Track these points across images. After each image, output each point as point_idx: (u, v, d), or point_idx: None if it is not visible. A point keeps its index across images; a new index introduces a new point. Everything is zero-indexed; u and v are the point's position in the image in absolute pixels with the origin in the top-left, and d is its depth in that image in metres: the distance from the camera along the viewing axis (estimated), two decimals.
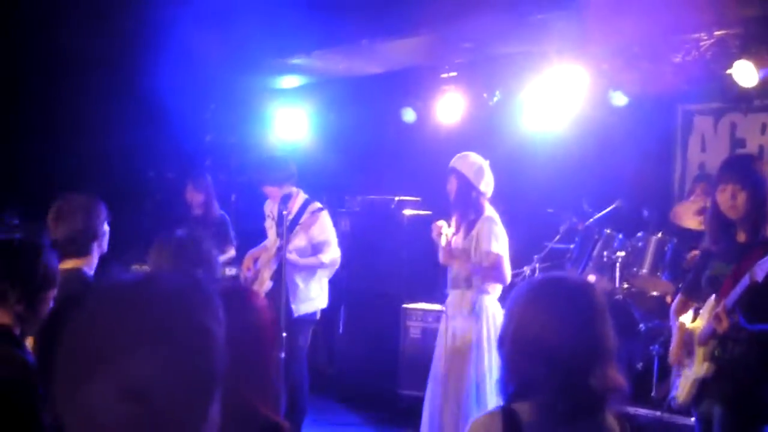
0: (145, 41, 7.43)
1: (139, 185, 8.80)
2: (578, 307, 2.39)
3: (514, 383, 2.38)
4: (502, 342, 2.47)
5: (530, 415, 2.31)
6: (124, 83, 7.70)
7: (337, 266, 6.55)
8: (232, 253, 7.64)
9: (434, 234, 5.66)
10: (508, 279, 5.56)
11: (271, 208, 6.66)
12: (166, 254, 3.68)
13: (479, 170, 5.55)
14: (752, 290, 3.68)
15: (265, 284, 6.24)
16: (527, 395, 2.34)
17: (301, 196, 6.51)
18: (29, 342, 3.20)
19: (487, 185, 5.57)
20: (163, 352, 1.26)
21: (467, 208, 5.53)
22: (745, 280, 3.68)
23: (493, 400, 5.39)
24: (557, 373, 2.30)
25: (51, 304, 3.14)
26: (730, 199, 4.00)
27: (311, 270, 6.36)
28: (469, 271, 5.46)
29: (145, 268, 3.87)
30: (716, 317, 3.73)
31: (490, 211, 5.55)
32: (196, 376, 1.29)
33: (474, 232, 5.49)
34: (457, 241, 5.58)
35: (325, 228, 6.40)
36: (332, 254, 6.42)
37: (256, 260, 6.48)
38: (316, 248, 6.38)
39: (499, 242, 5.47)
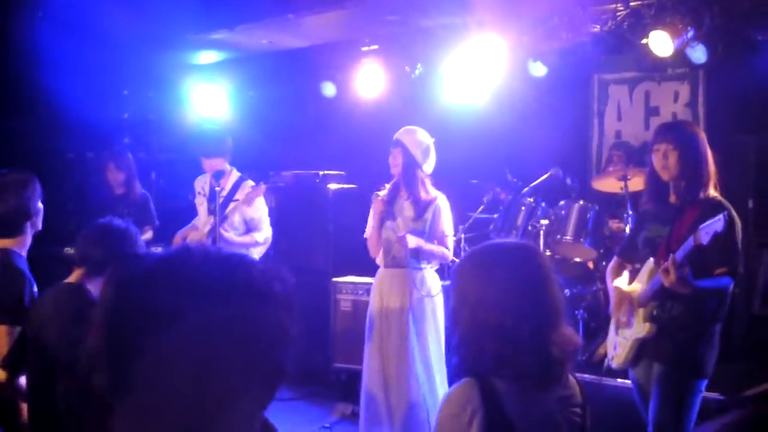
0: (54, 18, 7.22)
1: (58, 166, 8.57)
2: (522, 272, 2.39)
3: (483, 363, 2.36)
4: (456, 323, 2.47)
5: (505, 387, 2.33)
6: (33, 63, 7.46)
7: (268, 244, 6.55)
8: (149, 233, 7.52)
9: (376, 206, 5.65)
10: (451, 256, 5.70)
11: (202, 184, 6.60)
12: (92, 240, 3.65)
13: (426, 149, 5.59)
14: (695, 251, 3.81)
15: None
16: (499, 369, 2.35)
17: (235, 174, 6.50)
18: None
19: (429, 165, 5.62)
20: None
21: (413, 185, 5.55)
22: (689, 242, 3.80)
23: (443, 372, 5.48)
24: (519, 346, 2.32)
25: None
26: (662, 159, 4.14)
27: (244, 248, 6.33)
28: (429, 254, 5.50)
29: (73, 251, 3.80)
30: (665, 270, 3.84)
31: (437, 191, 5.62)
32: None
33: (428, 215, 5.54)
34: (403, 217, 5.57)
35: (260, 206, 6.39)
36: (266, 233, 6.43)
37: (184, 239, 6.42)
38: (250, 226, 6.37)
39: (450, 223, 5.64)
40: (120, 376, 1.24)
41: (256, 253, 6.46)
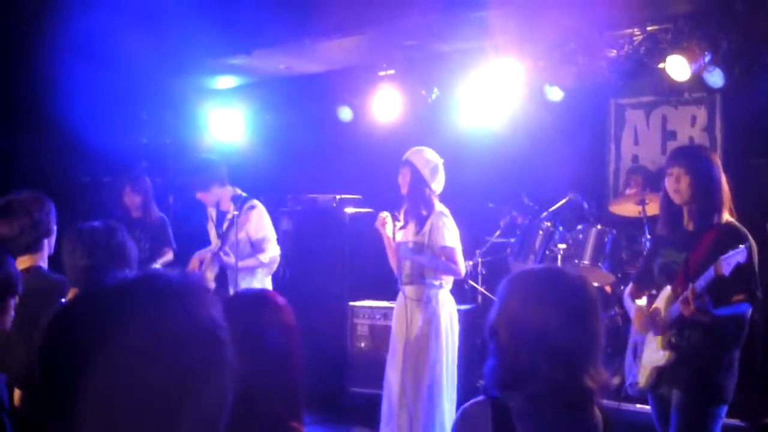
0: (74, 43, 7.28)
1: (73, 190, 8.62)
2: (578, 301, 2.40)
3: (507, 373, 2.37)
4: (494, 330, 2.46)
5: (519, 406, 2.33)
6: (52, 86, 7.53)
7: (276, 263, 6.54)
8: (170, 255, 7.56)
9: (378, 223, 5.67)
10: (463, 271, 5.68)
11: (210, 211, 6.63)
12: (80, 246, 3.65)
13: (434, 168, 5.61)
14: (715, 282, 3.79)
15: (209, 286, 6.19)
16: (517, 386, 2.36)
17: (241, 197, 6.52)
18: None
19: (438, 184, 5.63)
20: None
21: (418, 203, 5.57)
22: (710, 273, 3.78)
23: (452, 392, 5.46)
24: (556, 367, 2.32)
25: (12, 312, 3.07)
26: (675, 183, 4.13)
27: (251, 270, 6.34)
28: (426, 265, 5.50)
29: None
30: (684, 301, 3.82)
31: (440, 206, 5.62)
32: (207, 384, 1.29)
33: (426, 228, 5.55)
34: (407, 236, 5.61)
35: (263, 224, 6.39)
36: (271, 252, 6.41)
37: (201, 262, 6.44)
38: (255, 246, 6.37)
39: (451, 235, 5.59)
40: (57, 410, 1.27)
41: (265, 273, 6.45)
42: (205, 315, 1.31)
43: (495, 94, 7.44)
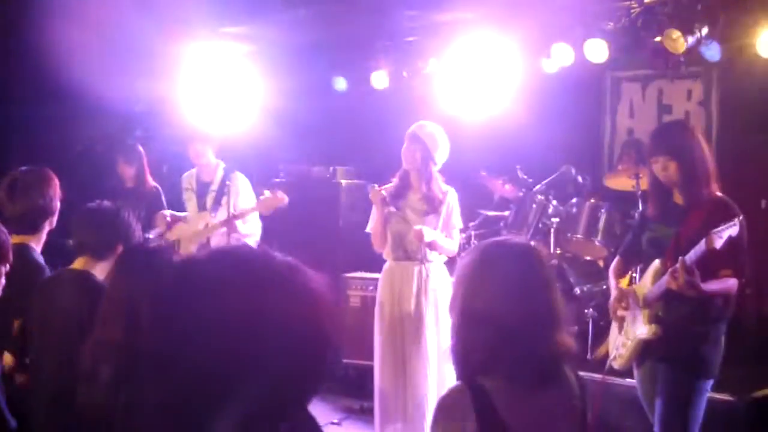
0: (65, 11, 7.22)
1: (67, 159, 8.58)
2: (524, 272, 2.38)
3: (473, 358, 2.36)
4: (451, 312, 2.47)
5: (496, 387, 2.32)
6: (42, 56, 7.48)
7: (257, 237, 6.56)
8: (164, 226, 7.54)
9: (375, 198, 5.64)
10: (456, 249, 5.73)
11: (189, 179, 6.63)
12: (86, 226, 3.71)
13: (444, 151, 5.60)
14: (705, 255, 3.79)
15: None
16: (488, 369, 2.34)
17: (221, 166, 6.57)
18: None
19: (441, 158, 5.61)
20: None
21: (431, 183, 5.56)
22: (701, 246, 3.78)
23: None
24: (513, 344, 2.31)
25: (3, 279, 3.09)
26: (662, 170, 4.14)
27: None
28: (434, 246, 5.50)
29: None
30: (673, 274, 3.82)
31: (448, 186, 5.64)
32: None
33: (442, 210, 5.55)
34: (415, 211, 5.57)
35: (249, 198, 6.44)
36: (253, 226, 6.44)
37: (169, 224, 6.44)
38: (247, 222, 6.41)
39: (459, 216, 5.70)
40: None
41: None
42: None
43: (491, 65, 7.40)
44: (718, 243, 3.72)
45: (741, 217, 3.80)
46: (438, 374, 5.42)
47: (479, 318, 2.35)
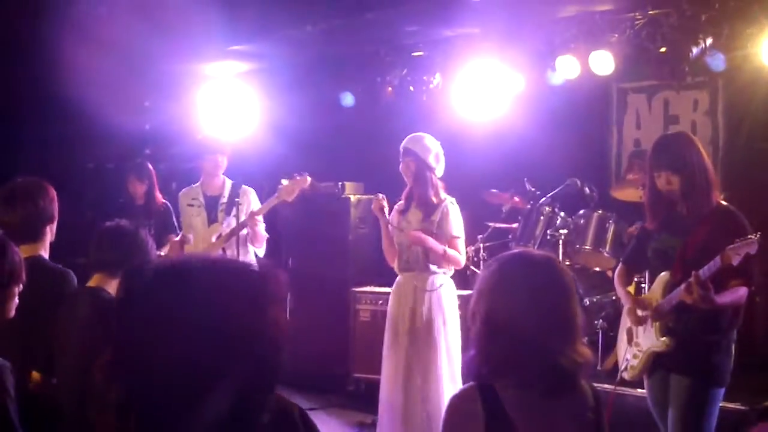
0: (77, 30, 7.29)
1: (78, 177, 8.65)
2: (547, 284, 2.41)
3: (488, 363, 2.41)
4: (472, 322, 2.50)
5: (508, 391, 2.36)
6: (56, 74, 7.55)
7: (263, 247, 6.63)
8: None
9: (375, 207, 5.69)
10: (464, 261, 5.73)
11: (193, 195, 6.67)
12: (105, 244, 3.74)
13: (436, 154, 5.62)
14: (720, 271, 3.81)
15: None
16: (502, 375, 2.38)
17: (228, 182, 6.63)
18: None
19: (441, 168, 5.65)
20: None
21: (427, 191, 5.58)
22: (716, 262, 3.78)
23: (459, 377, 5.48)
24: (531, 354, 2.35)
25: (17, 299, 3.10)
26: (666, 185, 4.15)
27: (247, 254, 6.42)
28: (433, 250, 5.51)
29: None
30: (687, 288, 3.83)
31: (447, 194, 5.65)
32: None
33: (435, 216, 5.56)
34: (411, 222, 5.61)
35: (253, 206, 6.52)
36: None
37: (182, 245, 6.51)
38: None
39: (459, 225, 5.63)
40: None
41: (260, 253, 6.56)
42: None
43: (497, 79, 7.45)
44: (736, 260, 3.72)
45: (758, 235, 3.79)
46: (430, 389, 5.42)
47: (499, 328, 2.39)
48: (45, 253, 4.10)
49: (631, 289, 4.41)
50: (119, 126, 8.12)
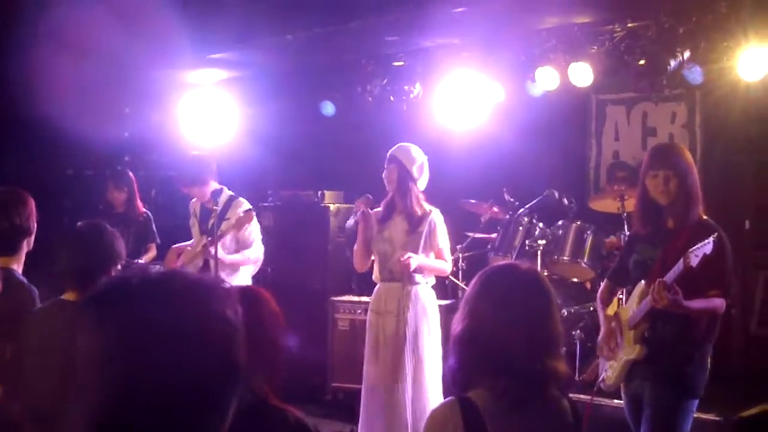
0: (54, 36, 7.26)
1: (56, 184, 8.60)
2: (529, 297, 2.47)
3: (468, 374, 2.45)
4: (457, 337, 2.52)
5: (485, 402, 2.38)
6: (30, 82, 7.51)
7: (260, 264, 6.57)
8: (154, 251, 7.57)
9: (360, 207, 5.67)
10: (450, 269, 5.82)
11: (194, 206, 6.63)
12: (70, 246, 3.64)
13: (421, 165, 5.64)
14: (686, 274, 3.85)
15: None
16: (481, 385, 2.41)
17: (226, 193, 6.51)
18: None
19: (423, 181, 5.67)
20: (189, 345, 1.30)
21: (407, 200, 5.59)
22: (679, 265, 3.83)
23: (433, 394, 5.48)
24: (506, 364, 2.38)
25: None
26: (663, 185, 4.17)
27: (235, 267, 6.36)
28: (429, 270, 5.54)
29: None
30: (653, 294, 3.87)
31: (431, 206, 5.67)
32: (222, 367, 1.34)
33: (423, 228, 5.58)
34: (394, 232, 5.61)
35: (253, 228, 6.41)
36: (257, 251, 6.43)
37: (179, 255, 6.46)
38: (241, 245, 6.39)
39: (445, 235, 5.71)
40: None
41: (249, 271, 6.47)
42: (222, 315, 1.36)
43: (476, 89, 7.48)
44: (694, 261, 3.78)
45: (715, 236, 3.85)
46: (412, 397, 5.43)
47: (479, 337, 2.44)
48: (18, 267, 4.04)
49: (613, 307, 4.43)
50: (98, 133, 8.07)
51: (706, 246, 3.78)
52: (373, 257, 5.76)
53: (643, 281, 4.18)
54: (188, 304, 1.33)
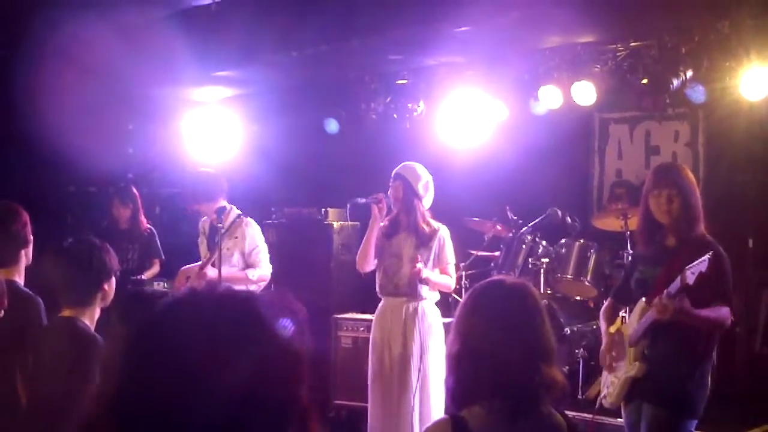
0: (59, 53, 7.29)
1: (59, 200, 8.61)
2: (516, 309, 2.49)
3: (462, 389, 2.47)
4: (453, 356, 2.53)
5: (478, 420, 2.39)
6: (34, 99, 7.53)
7: (265, 283, 6.49)
8: (157, 267, 7.55)
9: (375, 204, 5.67)
10: (454, 285, 5.85)
11: (203, 224, 6.60)
12: (60, 265, 3.60)
13: (426, 183, 5.68)
14: (683, 290, 3.85)
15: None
16: (474, 400, 2.42)
17: (234, 212, 6.46)
18: None
19: (428, 199, 5.70)
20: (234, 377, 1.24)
21: (413, 217, 5.61)
22: (676, 283, 3.84)
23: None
24: (498, 378, 2.40)
25: None
26: (666, 204, 4.18)
27: (236, 284, 6.30)
28: (435, 285, 5.55)
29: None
30: (659, 305, 3.86)
31: (438, 223, 5.69)
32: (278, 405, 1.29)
33: (433, 244, 5.61)
34: (403, 247, 5.62)
35: (255, 240, 6.36)
36: (262, 271, 6.35)
37: (188, 278, 6.42)
38: (247, 261, 6.34)
39: (452, 252, 5.74)
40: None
41: (252, 289, 6.43)
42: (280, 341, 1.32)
43: (480, 107, 7.50)
44: (691, 279, 3.78)
45: (711, 254, 3.84)
46: (420, 414, 5.42)
47: (471, 354, 2.46)
48: (20, 278, 4.03)
49: (616, 325, 4.43)
50: (101, 150, 8.09)
51: (702, 264, 3.78)
52: (377, 272, 5.76)
53: (643, 299, 4.18)
54: (235, 328, 1.28)
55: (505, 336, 2.42)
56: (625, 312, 4.59)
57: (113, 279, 3.64)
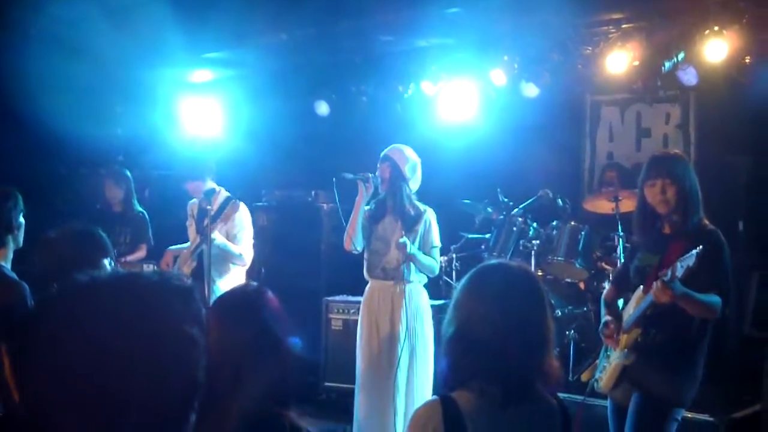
0: (46, 35, 7.23)
1: (50, 183, 8.56)
2: (521, 295, 2.44)
3: (457, 373, 2.43)
4: (449, 338, 2.50)
5: (469, 402, 2.37)
6: (22, 81, 7.47)
7: (247, 265, 6.45)
8: (143, 252, 7.49)
9: (363, 183, 5.66)
10: (438, 269, 5.83)
11: (192, 207, 6.57)
12: (46, 253, 3.55)
13: (414, 166, 5.67)
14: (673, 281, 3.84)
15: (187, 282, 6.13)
16: (469, 384, 2.40)
17: (223, 194, 6.42)
18: None
19: (416, 182, 5.69)
20: (138, 364, 1.23)
21: (400, 200, 5.60)
22: (668, 274, 3.82)
23: (425, 393, 5.48)
24: (499, 364, 2.36)
25: None
26: (660, 194, 4.16)
27: (225, 264, 6.27)
28: (424, 265, 5.54)
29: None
30: (658, 287, 3.83)
31: (424, 205, 5.68)
32: (177, 383, 1.27)
33: (419, 227, 5.60)
34: (389, 229, 5.61)
35: (243, 223, 6.33)
36: (245, 249, 6.34)
37: (176, 258, 6.41)
38: (232, 241, 6.33)
39: (438, 235, 5.73)
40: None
41: (240, 271, 6.37)
42: (181, 331, 1.29)
43: (471, 89, 7.47)
44: (680, 272, 3.76)
45: (699, 249, 3.80)
46: (407, 396, 5.43)
47: (468, 336, 2.42)
48: (6, 263, 3.98)
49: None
50: (91, 131, 8.03)
51: (690, 258, 3.75)
52: (364, 255, 5.76)
53: (641, 287, 4.18)
54: (141, 319, 1.26)
55: (505, 320, 2.38)
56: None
57: (106, 262, 3.59)
